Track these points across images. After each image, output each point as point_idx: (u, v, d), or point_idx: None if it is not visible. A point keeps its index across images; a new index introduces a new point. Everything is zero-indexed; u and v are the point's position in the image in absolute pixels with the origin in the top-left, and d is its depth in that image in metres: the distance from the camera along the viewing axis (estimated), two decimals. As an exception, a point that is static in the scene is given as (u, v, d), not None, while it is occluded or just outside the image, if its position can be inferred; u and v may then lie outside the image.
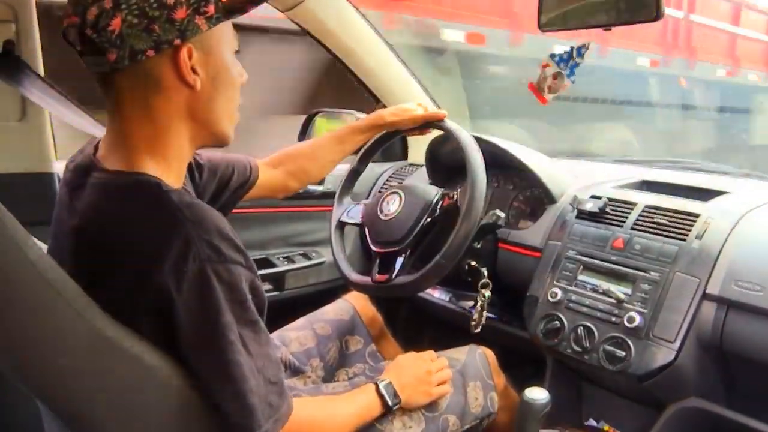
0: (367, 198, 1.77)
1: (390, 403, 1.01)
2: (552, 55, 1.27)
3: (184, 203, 0.74)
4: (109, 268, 0.72)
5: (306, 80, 3.55)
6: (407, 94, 1.86)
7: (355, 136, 1.31)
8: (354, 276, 1.33)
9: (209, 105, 0.80)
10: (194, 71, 0.76)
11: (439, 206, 1.24)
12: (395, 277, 1.23)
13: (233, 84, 0.83)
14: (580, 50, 1.26)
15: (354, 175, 1.44)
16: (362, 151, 1.40)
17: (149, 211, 0.73)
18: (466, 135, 1.24)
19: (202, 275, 0.70)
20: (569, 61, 1.26)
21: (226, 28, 0.80)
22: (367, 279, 1.29)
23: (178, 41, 0.73)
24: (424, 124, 1.31)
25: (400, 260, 1.25)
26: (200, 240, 0.70)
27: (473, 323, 1.31)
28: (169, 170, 0.79)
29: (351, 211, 1.40)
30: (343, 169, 1.47)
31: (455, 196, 1.24)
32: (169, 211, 0.72)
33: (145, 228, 0.72)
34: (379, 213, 1.29)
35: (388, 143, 1.40)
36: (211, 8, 0.75)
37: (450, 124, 1.30)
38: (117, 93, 0.76)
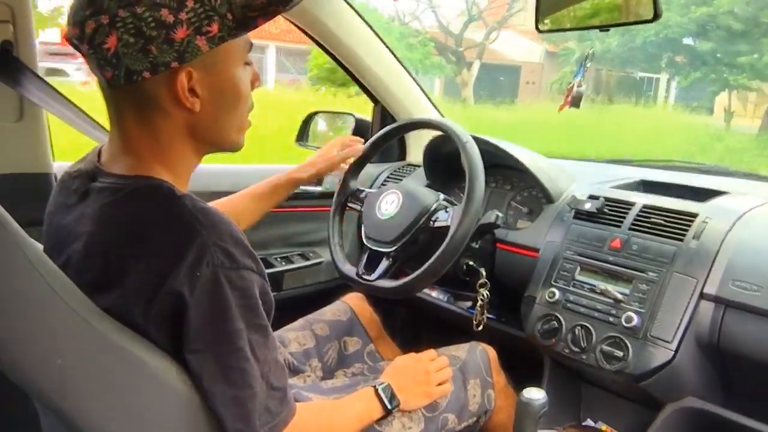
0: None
1: (389, 406, 1.01)
2: (575, 75, 1.40)
3: (197, 209, 0.73)
4: (121, 271, 0.72)
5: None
6: (405, 94, 1.86)
7: (276, 193, 1.26)
8: (344, 266, 1.34)
9: (212, 125, 0.78)
10: (194, 92, 0.73)
11: (433, 219, 1.24)
12: (377, 279, 1.24)
13: (240, 99, 0.79)
14: (587, 58, 1.39)
15: (363, 160, 1.43)
16: (374, 138, 1.40)
17: (164, 217, 0.73)
18: (465, 135, 1.24)
19: (215, 281, 0.70)
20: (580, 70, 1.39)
21: (233, 42, 0.74)
22: (353, 271, 1.30)
23: (175, 64, 0.70)
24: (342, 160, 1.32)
25: (385, 262, 1.25)
26: (215, 246, 0.70)
27: (475, 322, 1.32)
28: (175, 176, 0.78)
29: (354, 197, 1.41)
30: (342, 168, 1.47)
31: (448, 217, 1.23)
32: (184, 217, 0.71)
33: (160, 233, 0.72)
34: (376, 209, 1.30)
35: (398, 136, 1.39)
36: (215, 27, 0.70)
37: (449, 124, 1.30)
38: (117, 107, 0.75)
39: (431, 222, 1.24)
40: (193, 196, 0.77)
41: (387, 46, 1.81)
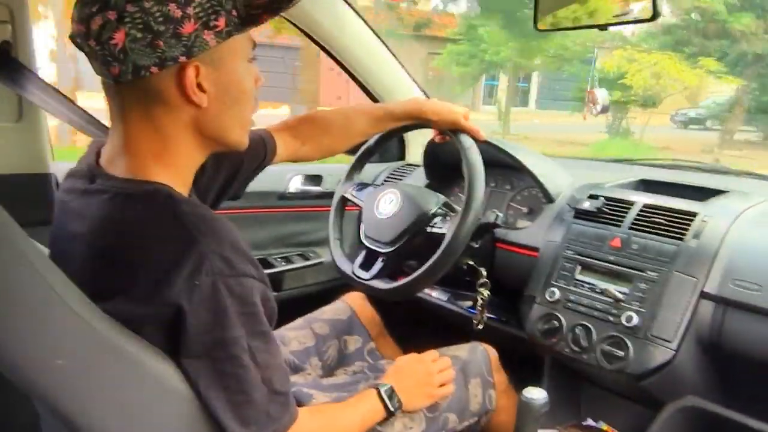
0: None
1: (392, 409, 1.01)
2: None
3: (197, 215, 0.72)
4: (119, 276, 0.71)
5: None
6: (403, 92, 1.86)
7: (390, 121, 1.25)
8: (341, 262, 1.34)
9: (217, 120, 0.77)
10: (201, 87, 0.73)
11: (431, 224, 1.24)
12: (371, 278, 1.24)
13: (245, 95, 0.79)
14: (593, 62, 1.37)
15: (368, 154, 1.42)
16: (374, 137, 1.38)
17: (163, 224, 0.72)
18: (465, 135, 1.23)
19: (214, 289, 0.69)
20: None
21: (239, 37, 0.75)
22: (350, 268, 1.30)
23: (183, 58, 0.69)
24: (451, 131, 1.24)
25: (380, 263, 1.25)
26: (213, 254, 0.69)
27: (475, 322, 1.31)
28: (177, 178, 0.77)
29: (356, 191, 1.40)
30: (342, 169, 1.47)
31: (445, 224, 1.22)
32: (183, 224, 0.71)
33: (158, 240, 0.71)
34: (375, 207, 1.29)
35: (408, 131, 1.39)
36: (222, 22, 0.70)
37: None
38: (121, 103, 0.74)
39: (429, 227, 1.24)
40: (193, 201, 0.76)
41: (384, 43, 1.81)
